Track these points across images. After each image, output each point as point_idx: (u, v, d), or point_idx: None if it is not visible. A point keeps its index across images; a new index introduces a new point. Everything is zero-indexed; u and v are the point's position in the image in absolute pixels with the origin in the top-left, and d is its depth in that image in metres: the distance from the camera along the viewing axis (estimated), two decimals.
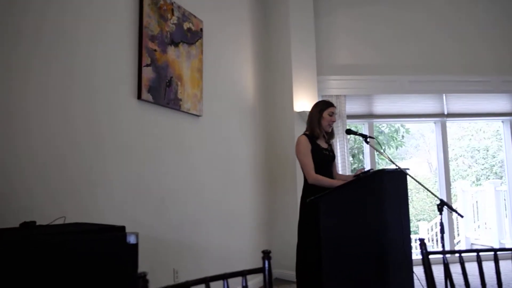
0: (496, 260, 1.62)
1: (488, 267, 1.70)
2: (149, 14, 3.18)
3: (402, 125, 12.55)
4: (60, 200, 2.38)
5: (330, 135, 3.46)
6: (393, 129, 12.61)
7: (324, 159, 3.32)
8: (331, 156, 3.41)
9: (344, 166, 5.33)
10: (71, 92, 2.53)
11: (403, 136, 12.92)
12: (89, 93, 2.67)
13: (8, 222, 1.99)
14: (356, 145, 11.24)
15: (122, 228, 1.90)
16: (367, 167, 5.77)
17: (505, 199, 6.88)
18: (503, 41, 6.09)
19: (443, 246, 2.66)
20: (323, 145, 3.39)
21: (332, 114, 3.37)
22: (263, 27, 5.49)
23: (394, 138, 12.65)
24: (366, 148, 6.04)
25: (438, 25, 6.02)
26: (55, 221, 2.09)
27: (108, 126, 2.81)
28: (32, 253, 1.52)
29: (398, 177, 3.03)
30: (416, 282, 2.99)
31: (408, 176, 3.06)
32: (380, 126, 11.96)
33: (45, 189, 2.31)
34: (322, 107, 3.39)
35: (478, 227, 7.81)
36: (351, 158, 10.71)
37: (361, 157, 11.10)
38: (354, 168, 10.32)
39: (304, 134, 3.39)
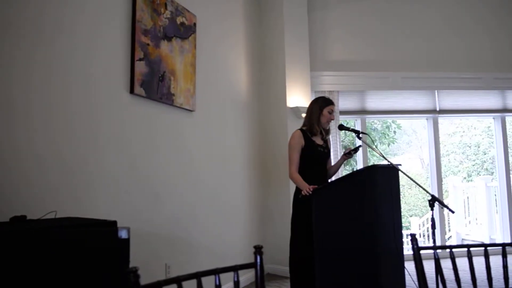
0: (486, 255, 1.63)
1: (479, 262, 1.72)
2: (142, 8, 3.15)
3: (393, 121, 12.58)
4: (53, 194, 2.36)
5: (327, 132, 3.46)
6: (384, 125, 12.65)
7: (318, 155, 3.33)
8: (326, 153, 3.41)
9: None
10: (66, 86, 2.51)
11: (395, 132, 12.97)
12: (82, 87, 2.64)
13: None
14: (347, 138, 11.26)
15: (114, 222, 1.89)
16: (360, 163, 5.79)
17: (495, 195, 6.95)
18: (495, 38, 6.12)
19: (434, 241, 2.68)
20: (319, 141, 3.38)
21: (331, 112, 3.37)
22: (257, 21, 5.47)
23: (386, 135, 12.69)
24: (358, 144, 6.03)
25: (431, 22, 6.04)
26: (46, 215, 2.08)
27: (101, 120, 2.78)
28: (21, 247, 1.51)
29: (390, 173, 3.05)
30: (407, 277, 3.01)
31: (400, 172, 3.08)
32: (372, 123, 11.99)
33: (39, 183, 2.29)
34: (322, 104, 3.38)
35: (469, 222, 7.89)
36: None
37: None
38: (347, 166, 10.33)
39: (300, 129, 3.39)
